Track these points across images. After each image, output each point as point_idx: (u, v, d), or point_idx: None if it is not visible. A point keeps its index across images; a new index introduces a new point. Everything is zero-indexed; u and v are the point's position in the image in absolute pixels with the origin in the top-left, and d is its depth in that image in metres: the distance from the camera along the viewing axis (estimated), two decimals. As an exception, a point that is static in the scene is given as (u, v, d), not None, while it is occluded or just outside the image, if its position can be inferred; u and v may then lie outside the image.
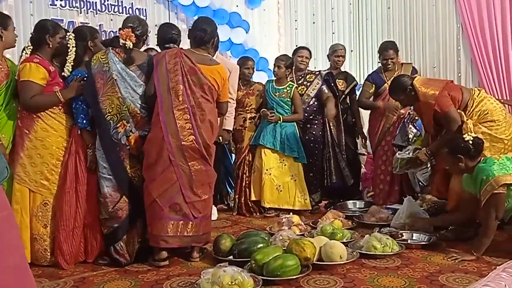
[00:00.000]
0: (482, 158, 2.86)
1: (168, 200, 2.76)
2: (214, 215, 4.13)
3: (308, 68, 4.52)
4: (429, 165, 3.60)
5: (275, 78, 4.35)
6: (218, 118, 3.09)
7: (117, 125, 2.81)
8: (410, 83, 3.34)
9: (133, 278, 2.60)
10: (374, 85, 4.27)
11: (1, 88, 2.79)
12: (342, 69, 4.80)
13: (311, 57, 4.53)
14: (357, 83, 4.69)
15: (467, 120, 3.22)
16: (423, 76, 4.14)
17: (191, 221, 2.81)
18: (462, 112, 3.26)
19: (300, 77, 4.39)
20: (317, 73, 4.38)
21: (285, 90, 4.24)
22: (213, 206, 4.01)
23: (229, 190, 4.67)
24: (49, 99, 2.83)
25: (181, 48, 2.99)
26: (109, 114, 2.80)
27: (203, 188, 2.87)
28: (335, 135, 4.34)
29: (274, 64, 4.30)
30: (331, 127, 4.32)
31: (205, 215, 2.91)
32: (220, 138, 3.95)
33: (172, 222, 2.76)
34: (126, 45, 2.80)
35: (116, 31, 5.07)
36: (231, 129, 4.20)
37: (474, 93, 3.35)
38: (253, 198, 4.24)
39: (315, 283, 2.47)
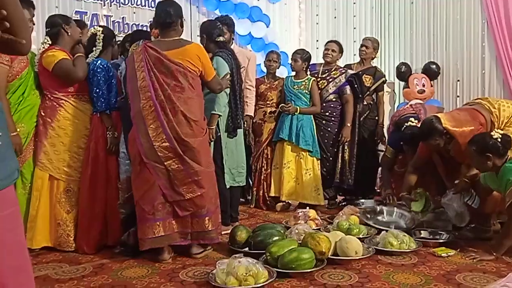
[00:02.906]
0: (509, 157, 2.78)
1: (149, 202, 2.64)
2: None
3: (338, 63, 4.43)
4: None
5: (294, 72, 4.34)
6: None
7: None
8: (442, 126, 3.10)
9: (150, 266, 2.65)
10: None
11: (21, 77, 2.87)
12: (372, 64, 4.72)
13: (340, 52, 4.39)
14: (385, 80, 4.61)
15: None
16: (441, 113, 3.71)
17: (177, 218, 2.70)
18: None
19: (325, 71, 4.34)
20: (343, 71, 4.31)
21: (303, 83, 4.23)
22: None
23: (251, 183, 4.68)
24: (83, 61, 2.92)
25: (148, 41, 2.84)
26: None
27: (188, 186, 2.67)
28: (352, 138, 4.30)
29: (291, 58, 4.29)
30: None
31: (195, 212, 2.73)
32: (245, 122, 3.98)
33: (157, 223, 2.64)
34: None
35: (139, 24, 5.19)
36: (252, 115, 4.21)
37: (489, 106, 3.24)
38: (272, 194, 4.25)
39: (329, 277, 2.47)
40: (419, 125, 3.57)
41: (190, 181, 2.68)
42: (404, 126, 3.73)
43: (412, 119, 3.75)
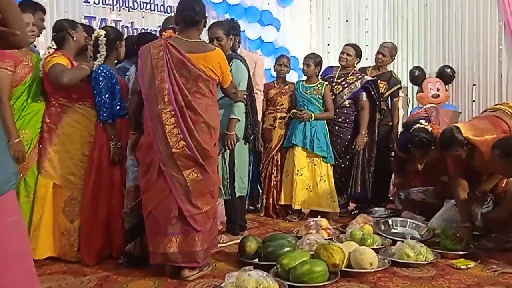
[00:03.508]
0: None
1: (164, 212, 2.47)
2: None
3: (356, 68, 4.28)
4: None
5: (305, 77, 4.25)
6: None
7: None
8: (463, 136, 2.94)
9: (156, 278, 2.55)
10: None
11: (25, 82, 2.81)
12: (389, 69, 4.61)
13: (358, 56, 4.25)
14: (401, 86, 4.49)
15: None
16: (460, 122, 3.63)
17: (194, 234, 2.49)
18: None
19: (342, 76, 4.23)
20: (359, 76, 4.17)
21: (316, 88, 4.13)
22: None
23: (260, 191, 4.59)
24: (78, 71, 2.82)
25: (169, 37, 2.60)
26: None
27: (204, 199, 2.52)
28: (367, 145, 4.19)
29: (303, 63, 4.20)
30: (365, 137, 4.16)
31: (208, 228, 2.56)
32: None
33: (170, 237, 2.47)
34: None
35: (148, 29, 5.15)
36: (260, 120, 4.08)
37: (506, 110, 3.10)
38: (282, 202, 4.14)
39: (343, 291, 2.36)
40: (428, 127, 3.46)
41: (207, 193, 2.54)
42: (413, 128, 3.61)
43: (423, 121, 3.63)
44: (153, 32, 4.74)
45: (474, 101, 5.26)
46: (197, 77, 2.49)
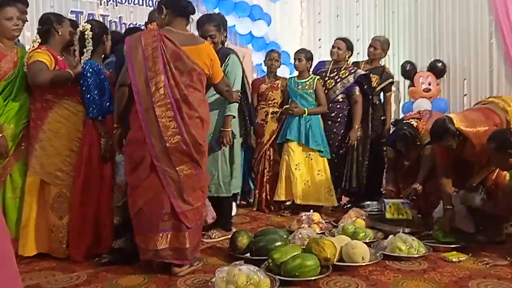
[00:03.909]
0: None
1: (156, 209, 2.41)
2: (234, 210, 4.05)
3: (348, 62, 4.27)
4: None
5: (297, 72, 4.23)
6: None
7: None
8: (455, 126, 2.93)
9: (146, 273, 2.52)
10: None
11: (9, 77, 2.76)
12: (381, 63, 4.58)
13: (349, 49, 4.22)
14: (393, 80, 4.48)
15: None
16: (453, 112, 3.58)
17: (184, 231, 2.44)
18: None
19: (334, 70, 4.22)
20: (352, 70, 4.16)
21: (308, 83, 4.12)
22: (233, 202, 3.95)
23: (252, 186, 4.57)
24: (61, 73, 2.77)
25: (160, 29, 2.54)
26: None
27: (195, 195, 2.48)
28: (360, 140, 4.18)
29: (294, 58, 4.18)
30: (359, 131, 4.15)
31: (198, 224, 2.55)
32: None
33: (162, 234, 2.42)
34: None
35: (136, 23, 5.09)
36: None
37: (503, 104, 3.08)
38: (282, 198, 4.10)
39: (335, 285, 2.34)
40: (413, 123, 3.49)
41: (198, 189, 2.49)
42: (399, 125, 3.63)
43: (412, 120, 3.62)
44: (142, 27, 4.69)
45: (465, 94, 5.27)
46: (192, 71, 2.44)
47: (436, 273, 2.49)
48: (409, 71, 5.34)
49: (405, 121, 3.63)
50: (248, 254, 2.70)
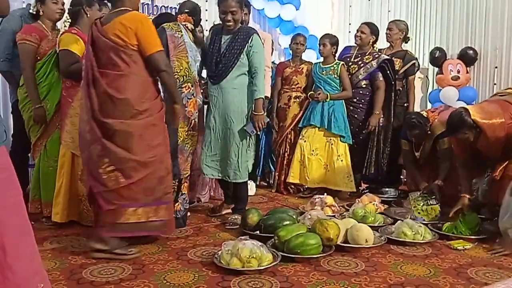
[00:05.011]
0: None
1: (86, 181, 2.64)
2: (252, 190, 4.20)
3: (374, 47, 4.26)
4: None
5: (322, 58, 4.26)
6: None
7: (182, 85, 2.96)
8: (471, 118, 2.91)
9: (161, 243, 2.73)
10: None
11: (46, 56, 3.03)
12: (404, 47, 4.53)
13: (373, 34, 4.19)
14: (417, 63, 4.40)
15: None
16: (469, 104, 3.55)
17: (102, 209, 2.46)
18: None
19: (358, 55, 4.21)
20: (376, 55, 4.14)
21: (332, 68, 4.14)
22: (251, 181, 4.08)
23: (272, 168, 4.69)
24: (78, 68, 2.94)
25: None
26: (177, 73, 2.92)
27: (111, 175, 2.41)
28: (382, 127, 4.19)
29: (319, 43, 4.19)
30: (381, 118, 4.16)
31: (123, 204, 2.44)
32: None
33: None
34: (188, 27, 3.08)
35: (168, 6, 5.22)
36: (269, 96, 4.07)
37: None
38: (293, 180, 4.19)
39: (335, 264, 2.45)
40: (423, 112, 3.54)
41: (114, 169, 2.40)
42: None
43: (423, 111, 3.64)
44: (172, 11, 4.80)
45: (495, 84, 5.12)
46: (109, 48, 2.41)
47: (437, 259, 2.55)
48: (438, 58, 5.22)
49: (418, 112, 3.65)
50: (257, 232, 2.85)
